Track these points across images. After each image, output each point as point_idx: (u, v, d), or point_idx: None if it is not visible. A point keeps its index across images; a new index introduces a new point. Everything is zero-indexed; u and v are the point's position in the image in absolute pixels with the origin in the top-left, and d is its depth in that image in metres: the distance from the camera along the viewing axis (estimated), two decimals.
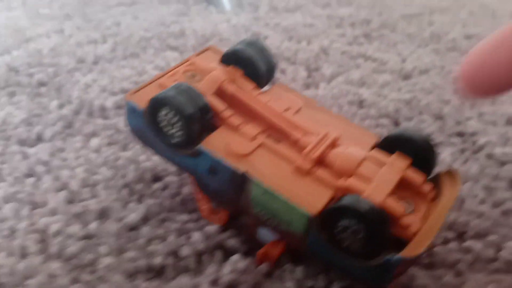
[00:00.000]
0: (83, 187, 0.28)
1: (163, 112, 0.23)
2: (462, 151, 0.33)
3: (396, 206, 0.21)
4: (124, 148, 0.31)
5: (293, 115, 0.26)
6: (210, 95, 0.24)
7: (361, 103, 0.38)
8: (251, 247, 0.25)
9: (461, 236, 0.27)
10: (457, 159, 0.32)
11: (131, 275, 0.23)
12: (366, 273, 0.21)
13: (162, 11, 0.53)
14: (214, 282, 0.23)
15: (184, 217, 0.26)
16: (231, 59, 0.27)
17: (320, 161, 0.23)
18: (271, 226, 0.22)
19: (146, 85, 0.26)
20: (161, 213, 0.27)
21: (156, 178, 0.29)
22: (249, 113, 0.25)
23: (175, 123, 0.23)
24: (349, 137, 0.25)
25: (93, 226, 0.25)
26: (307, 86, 0.40)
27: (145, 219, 0.26)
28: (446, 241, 0.26)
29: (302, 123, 0.25)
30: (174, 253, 0.24)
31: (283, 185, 0.22)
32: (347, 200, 0.20)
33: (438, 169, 0.25)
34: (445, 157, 0.32)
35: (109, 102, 0.35)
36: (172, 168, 0.30)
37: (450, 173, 0.24)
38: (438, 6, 0.61)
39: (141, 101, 0.24)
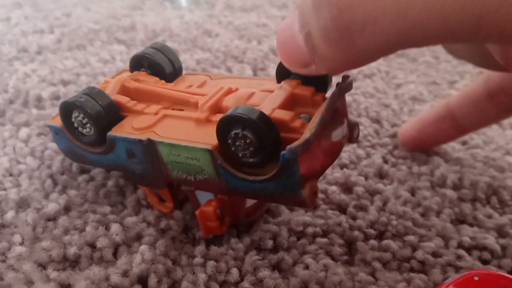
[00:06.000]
0: (5, 176, 0.27)
1: (74, 115, 0.25)
2: (391, 152, 0.34)
3: (283, 113, 0.22)
4: None
5: (195, 88, 0.27)
6: (114, 94, 0.26)
7: None
8: (172, 237, 0.25)
9: (381, 235, 0.27)
10: (388, 161, 0.33)
11: (43, 264, 0.23)
12: (278, 183, 0.21)
13: (115, 4, 0.53)
14: (125, 272, 0.23)
15: (106, 209, 0.26)
16: (136, 64, 0.29)
17: (216, 108, 0.24)
18: (193, 183, 0.23)
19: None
20: (83, 204, 0.26)
21: (83, 170, 0.29)
22: (153, 98, 0.27)
23: (85, 123, 0.25)
24: (249, 86, 0.26)
25: (10, 215, 0.25)
26: None
27: (66, 210, 0.26)
28: (366, 239, 0.27)
29: (201, 91, 0.26)
30: (91, 244, 0.24)
31: (185, 137, 0.23)
32: (235, 110, 0.21)
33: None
34: (376, 158, 0.33)
35: (46, 92, 0.35)
36: None
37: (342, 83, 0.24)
38: None
39: (59, 122, 0.26)
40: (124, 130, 0.24)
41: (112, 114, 0.25)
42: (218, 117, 0.23)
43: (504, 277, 0.20)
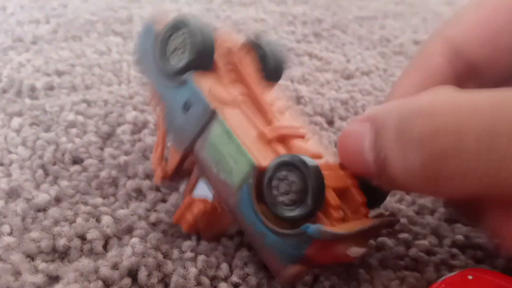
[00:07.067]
0: None
1: (178, 34, 0.23)
2: None
3: (334, 197, 0.21)
4: (47, 129, 0.30)
5: (276, 109, 0.26)
6: (219, 50, 0.25)
7: (298, 100, 0.38)
8: (163, 230, 0.25)
9: None
10: None
11: (32, 255, 0.23)
12: (280, 242, 0.20)
13: None
14: (115, 265, 0.22)
15: (98, 200, 0.26)
16: (251, 45, 0.27)
17: (283, 140, 0.23)
18: (212, 175, 0.22)
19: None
20: (74, 195, 0.26)
21: (76, 160, 0.29)
22: (242, 82, 0.25)
23: (183, 49, 0.23)
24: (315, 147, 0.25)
25: None
26: None
27: (56, 201, 0.26)
28: None
29: (280, 115, 0.25)
30: (81, 236, 0.24)
31: (242, 138, 0.22)
32: (297, 155, 0.20)
33: None
34: None
35: (40, 82, 0.35)
36: (94, 151, 0.29)
37: (390, 218, 0.24)
38: (392, 11, 0.62)
39: (159, 26, 0.25)
40: (203, 87, 0.23)
41: (207, 61, 0.24)
42: (279, 146, 0.23)
43: (498, 276, 0.20)
